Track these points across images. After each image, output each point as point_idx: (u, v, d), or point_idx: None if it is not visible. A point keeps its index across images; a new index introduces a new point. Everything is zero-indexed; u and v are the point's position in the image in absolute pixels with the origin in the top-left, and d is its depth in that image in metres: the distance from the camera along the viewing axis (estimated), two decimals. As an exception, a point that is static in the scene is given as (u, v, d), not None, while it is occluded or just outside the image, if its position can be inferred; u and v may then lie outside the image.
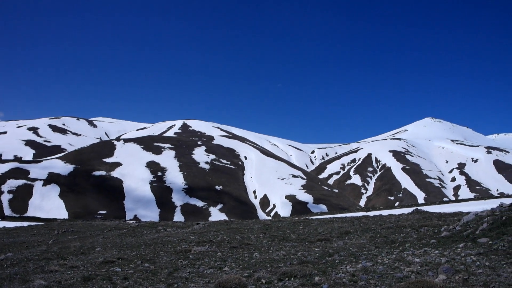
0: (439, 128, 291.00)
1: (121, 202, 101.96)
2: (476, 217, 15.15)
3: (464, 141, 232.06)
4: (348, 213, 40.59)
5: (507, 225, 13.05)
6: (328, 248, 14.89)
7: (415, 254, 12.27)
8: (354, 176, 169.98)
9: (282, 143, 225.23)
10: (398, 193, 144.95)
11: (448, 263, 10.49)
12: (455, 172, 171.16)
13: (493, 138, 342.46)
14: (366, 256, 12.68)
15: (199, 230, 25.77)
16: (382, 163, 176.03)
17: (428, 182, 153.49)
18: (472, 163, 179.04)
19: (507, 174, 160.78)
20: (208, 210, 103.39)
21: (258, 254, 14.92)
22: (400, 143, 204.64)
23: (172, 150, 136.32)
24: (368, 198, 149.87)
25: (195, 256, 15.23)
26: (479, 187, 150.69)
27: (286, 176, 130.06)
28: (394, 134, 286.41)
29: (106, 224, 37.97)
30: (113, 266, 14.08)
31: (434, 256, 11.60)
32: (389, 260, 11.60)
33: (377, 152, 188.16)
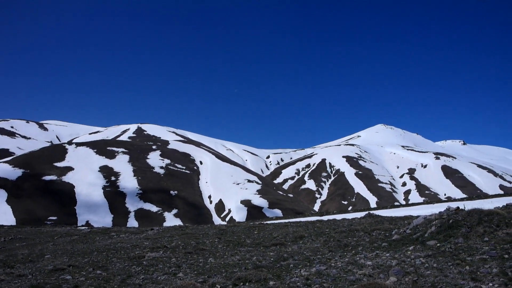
0: (391, 135, 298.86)
1: (73, 207, 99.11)
2: (425, 221, 15.64)
3: (414, 147, 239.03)
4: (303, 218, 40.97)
5: (454, 228, 13.55)
6: (283, 253, 15.00)
7: (367, 257, 12.53)
8: (308, 181, 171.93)
9: (238, 148, 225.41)
10: (351, 198, 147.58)
11: (399, 265, 10.79)
12: (405, 177, 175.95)
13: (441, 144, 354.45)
14: (320, 260, 12.85)
15: (153, 235, 25.41)
16: (336, 168, 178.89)
17: (380, 187, 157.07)
18: (421, 168, 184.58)
19: (454, 179, 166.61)
20: (162, 216, 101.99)
21: (213, 259, 14.86)
22: (353, 148, 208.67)
23: (126, 155, 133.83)
24: (322, 202, 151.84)
25: (149, 262, 15.01)
26: (428, 191, 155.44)
27: (241, 181, 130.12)
28: (348, 140, 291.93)
29: (56, 231, 36.84)
30: (63, 274, 13.68)
31: (386, 258, 11.89)
32: (342, 264, 11.80)
33: (331, 158, 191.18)
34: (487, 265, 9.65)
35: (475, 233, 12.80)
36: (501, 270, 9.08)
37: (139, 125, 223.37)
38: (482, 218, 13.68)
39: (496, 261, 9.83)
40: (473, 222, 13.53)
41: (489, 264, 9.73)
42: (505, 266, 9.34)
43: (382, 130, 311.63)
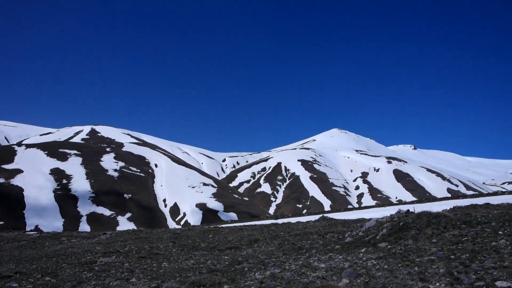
0: (345, 139, 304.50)
1: (21, 211, 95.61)
2: (377, 223, 16.01)
3: (367, 152, 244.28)
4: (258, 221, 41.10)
5: (404, 230, 13.94)
6: (238, 256, 15.00)
7: (321, 259, 12.71)
8: (264, 184, 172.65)
9: (194, 151, 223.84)
10: (306, 201, 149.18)
11: (351, 267, 11.00)
12: (358, 181, 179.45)
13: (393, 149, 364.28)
14: (274, 263, 12.93)
15: (105, 240, 24.88)
16: (291, 172, 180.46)
17: (334, 190, 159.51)
18: (374, 172, 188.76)
19: (405, 183, 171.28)
20: (116, 220, 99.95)
21: (167, 263, 14.70)
22: (308, 152, 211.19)
23: (78, 157, 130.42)
24: (277, 206, 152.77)
25: (100, 267, 14.69)
26: (380, 194, 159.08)
27: (197, 184, 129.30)
28: (303, 143, 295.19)
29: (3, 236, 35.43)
30: (10, 281, 13.19)
31: (338, 261, 12.10)
32: (296, 266, 11.92)
33: (287, 161, 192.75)
34: (434, 266, 9.97)
35: (424, 235, 13.20)
36: (447, 270, 9.41)
37: (93, 126, 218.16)
38: (431, 220, 14.14)
39: (443, 261, 10.17)
40: (422, 224, 13.96)
41: (436, 264, 10.06)
42: (451, 266, 9.69)
43: (337, 135, 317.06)
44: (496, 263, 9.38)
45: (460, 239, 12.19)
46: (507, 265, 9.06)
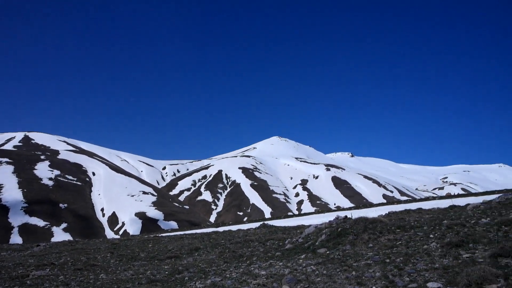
0: (285, 147, 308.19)
1: None
2: (316, 230, 16.32)
3: (307, 159, 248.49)
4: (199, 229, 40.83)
5: (342, 235, 14.31)
6: (178, 265, 14.84)
7: (262, 267, 12.80)
8: (205, 192, 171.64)
9: (133, 158, 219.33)
10: (247, 209, 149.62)
11: (291, 273, 11.15)
12: (298, 188, 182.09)
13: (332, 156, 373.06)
14: (215, 271, 12.89)
15: (39, 252, 23.86)
16: (232, 180, 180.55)
17: (275, 198, 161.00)
18: (313, 179, 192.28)
19: (343, 189, 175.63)
20: (50, 230, 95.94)
21: (105, 275, 14.31)
22: (249, 160, 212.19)
23: (10, 165, 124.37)
24: (218, 214, 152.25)
25: (33, 281, 14.07)
26: (319, 201, 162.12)
27: (136, 193, 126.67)
28: (244, 151, 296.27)
29: None
30: None
31: (279, 267, 12.23)
32: (237, 274, 11.94)
33: (228, 169, 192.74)
34: (371, 270, 10.29)
35: (361, 240, 13.60)
36: (383, 274, 9.74)
37: (26, 133, 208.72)
38: (367, 225, 14.59)
39: (379, 265, 10.52)
40: (359, 229, 14.39)
41: (372, 268, 10.39)
42: (387, 269, 10.04)
43: (277, 142, 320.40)
44: (427, 265, 9.81)
45: (394, 243, 12.66)
46: (437, 267, 9.50)
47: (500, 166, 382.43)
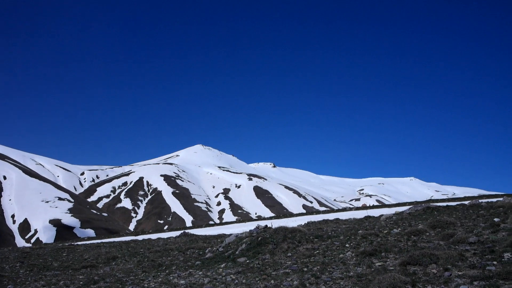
0: (209, 155, 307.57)
1: None
2: (237, 239, 16.43)
3: (229, 168, 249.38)
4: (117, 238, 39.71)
5: (262, 245, 14.51)
6: (94, 275, 14.36)
7: (181, 276, 12.68)
8: (125, 199, 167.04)
9: (49, 163, 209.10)
10: (168, 217, 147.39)
11: (211, 283, 11.14)
12: (220, 197, 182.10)
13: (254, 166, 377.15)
14: (132, 281, 12.60)
15: None
16: (153, 187, 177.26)
17: (196, 206, 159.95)
18: (235, 188, 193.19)
19: (264, 199, 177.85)
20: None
21: (13, 286, 13.53)
22: (172, 167, 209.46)
23: None
24: (138, 222, 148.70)
25: None
26: (241, 210, 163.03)
27: (51, 199, 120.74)
28: (167, 158, 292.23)
29: None
30: None
31: (198, 277, 12.18)
32: (155, 284, 11.75)
33: (149, 176, 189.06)
34: (289, 279, 10.52)
35: (280, 249, 13.87)
36: (300, 282, 9.99)
37: None
38: (287, 235, 14.91)
39: (297, 274, 10.78)
40: (279, 239, 14.66)
41: (291, 277, 10.63)
42: (304, 278, 10.31)
43: (201, 151, 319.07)
44: (343, 273, 10.19)
45: (312, 252, 13.03)
46: (352, 275, 9.90)
47: (411, 180, 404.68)
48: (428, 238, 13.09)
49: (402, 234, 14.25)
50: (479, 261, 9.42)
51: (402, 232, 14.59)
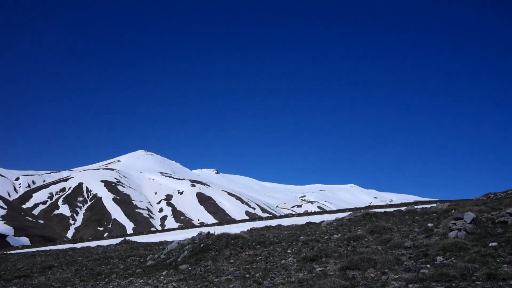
0: (151, 161, 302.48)
1: None
2: (179, 246, 16.28)
3: (172, 174, 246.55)
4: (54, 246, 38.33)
5: (204, 251, 14.45)
6: (28, 286, 13.79)
7: (121, 284, 12.41)
8: (62, 206, 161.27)
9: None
10: (108, 224, 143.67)
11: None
12: (163, 203, 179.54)
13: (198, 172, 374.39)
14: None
15: None
16: (93, 193, 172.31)
17: (138, 213, 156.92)
18: (178, 195, 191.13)
19: (207, 205, 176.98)
20: None
21: None
22: (112, 173, 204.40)
23: None
24: (77, 229, 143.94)
25: None
26: (183, 217, 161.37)
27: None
28: (108, 164, 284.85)
29: None
30: None
31: (139, 285, 11.96)
32: (94, 293, 11.44)
33: (89, 182, 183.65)
34: (231, 285, 10.53)
35: (223, 256, 13.86)
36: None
37: None
38: (229, 241, 14.93)
39: (239, 280, 10.81)
40: (221, 245, 14.65)
41: (233, 284, 10.64)
42: (246, 284, 10.35)
43: (143, 156, 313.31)
44: (284, 279, 10.32)
45: (255, 258, 13.11)
46: (293, 281, 10.04)
47: (351, 186, 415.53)
48: (366, 243, 13.50)
49: (342, 239, 14.62)
50: (414, 264, 9.82)
51: (342, 238, 14.97)
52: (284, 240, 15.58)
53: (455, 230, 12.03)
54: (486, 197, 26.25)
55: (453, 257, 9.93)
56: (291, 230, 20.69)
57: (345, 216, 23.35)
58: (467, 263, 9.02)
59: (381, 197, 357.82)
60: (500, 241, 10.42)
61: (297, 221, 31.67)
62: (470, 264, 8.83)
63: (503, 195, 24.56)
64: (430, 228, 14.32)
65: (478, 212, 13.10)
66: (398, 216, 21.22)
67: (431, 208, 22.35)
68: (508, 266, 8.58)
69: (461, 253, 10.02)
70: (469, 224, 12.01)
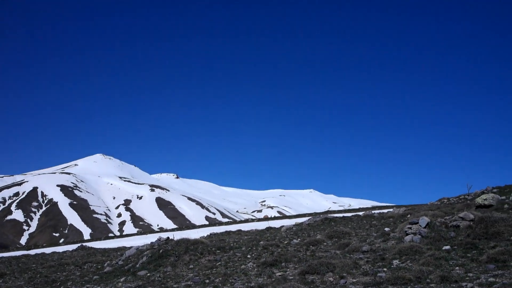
0: (109, 165, 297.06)
1: None
2: (138, 251, 16.06)
3: (131, 179, 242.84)
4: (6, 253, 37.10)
5: (164, 257, 14.31)
6: (-22, 294, 13.30)
7: (77, 291, 12.14)
8: (16, 211, 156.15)
9: None
10: (64, 229, 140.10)
11: (109, 298, 10.78)
12: (121, 208, 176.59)
13: (157, 177, 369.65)
14: (23, 298, 11.86)
15: None
16: (48, 198, 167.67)
17: (95, 218, 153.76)
18: (137, 199, 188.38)
19: (167, 211, 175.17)
20: None
21: None
22: (69, 177, 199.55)
23: None
24: (31, 235, 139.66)
25: None
26: (142, 222, 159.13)
27: None
28: (64, 168, 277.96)
29: None
30: None
31: (96, 292, 11.73)
32: (48, 301, 11.15)
33: (44, 186, 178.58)
34: (191, 291, 10.47)
35: (182, 261, 13.76)
36: (202, 295, 9.98)
37: None
38: (189, 247, 14.83)
39: (199, 286, 10.76)
40: (181, 251, 14.54)
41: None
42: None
43: (101, 160, 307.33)
44: (244, 284, 10.33)
45: (214, 263, 13.07)
46: (253, 286, 10.07)
47: (310, 192, 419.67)
48: (325, 248, 13.69)
49: (302, 244, 14.77)
50: (371, 268, 10.04)
51: (301, 243, 15.12)
52: (244, 245, 15.61)
53: (411, 234, 12.37)
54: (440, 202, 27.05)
55: (409, 260, 10.20)
56: (251, 235, 20.74)
57: (305, 221, 23.60)
58: (421, 266, 9.29)
59: (340, 202, 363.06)
60: (453, 245, 10.77)
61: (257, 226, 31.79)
62: (425, 267, 9.09)
63: (456, 200, 25.36)
64: (387, 232, 14.65)
65: (432, 217, 13.49)
66: (356, 220, 21.61)
67: (388, 213, 22.91)
68: (460, 269, 8.89)
69: (416, 257, 10.30)
70: (423, 228, 12.36)
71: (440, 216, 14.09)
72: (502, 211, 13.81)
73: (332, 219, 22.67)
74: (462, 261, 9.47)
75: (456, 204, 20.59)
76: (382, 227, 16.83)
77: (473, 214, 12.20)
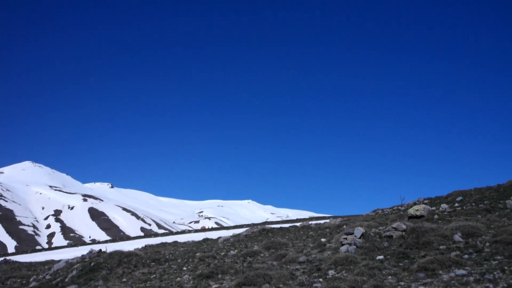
0: (39, 173, 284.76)
1: None
2: (67, 265, 15.35)
3: (62, 188, 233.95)
4: None
5: (95, 270, 13.73)
6: None
7: (-1, 309, 11.40)
8: None
9: None
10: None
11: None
12: (50, 219, 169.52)
13: (91, 186, 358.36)
14: None
15: None
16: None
17: (21, 230, 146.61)
18: (68, 210, 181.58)
19: (100, 221, 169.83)
20: None
21: None
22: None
23: None
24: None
25: None
26: (73, 234, 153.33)
27: None
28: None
29: None
30: None
31: (20, 309, 11.06)
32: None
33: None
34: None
35: (115, 275, 13.25)
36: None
37: None
38: (123, 259, 14.33)
39: (132, 300, 10.37)
40: (114, 263, 14.02)
41: (125, 304, 10.18)
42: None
43: (30, 168, 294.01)
44: (179, 298, 10.07)
45: (149, 276, 12.69)
46: (188, 299, 9.83)
47: (249, 202, 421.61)
48: (262, 259, 13.65)
49: (239, 255, 14.65)
50: (307, 279, 10.07)
51: (238, 254, 15.00)
52: (180, 257, 15.28)
53: (346, 244, 12.57)
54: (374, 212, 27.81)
55: (344, 270, 10.34)
56: (187, 247, 20.40)
57: (242, 232, 23.51)
58: (356, 276, 9.43)
59: (278, 213, 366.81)
60: (386, 254, 11.04)
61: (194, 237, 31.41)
62: (359, 277, 9.24)
63: (389, 210, 26.18)
64: (323, 243, 14.83)
65: (367, 227, 13.80)
66: (294, 231, 21.78)
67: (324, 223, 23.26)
68: (392, 278, 9.11)
69: (351, 267, 10.46)
70: (358, 238, 12.61)
71: (375, 226, 14.46)
72: (432, 221, 14.34)
73: (269, 230, 22.72)
74: (395, 270, 9.71)
75: (390, 215, 21.25)
76: (318, 237, 17.03)
77: (405, 225, 12.60)
